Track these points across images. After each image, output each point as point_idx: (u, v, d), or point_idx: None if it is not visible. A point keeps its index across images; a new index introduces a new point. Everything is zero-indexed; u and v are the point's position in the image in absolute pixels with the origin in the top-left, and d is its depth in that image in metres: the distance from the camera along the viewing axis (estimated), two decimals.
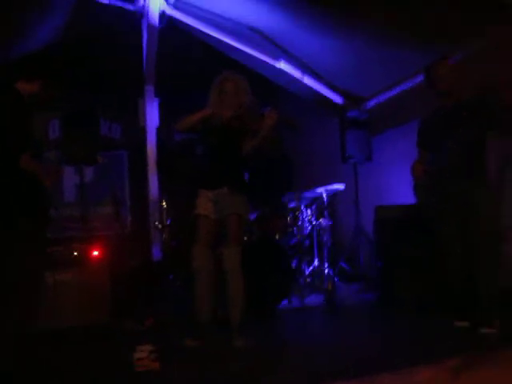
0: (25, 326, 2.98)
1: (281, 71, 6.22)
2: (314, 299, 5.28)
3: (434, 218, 3.80)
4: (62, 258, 4.39)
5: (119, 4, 5.70)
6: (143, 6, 5.73)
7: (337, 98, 6.56)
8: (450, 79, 3.66)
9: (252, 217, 5.52)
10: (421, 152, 3.94)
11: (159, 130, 6.50)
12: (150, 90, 6.55)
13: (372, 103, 6.44)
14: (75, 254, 4.49)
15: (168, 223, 5.55)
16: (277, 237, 5.41)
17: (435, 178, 3.66)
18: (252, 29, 5.71)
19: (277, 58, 6.06)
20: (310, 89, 6.46)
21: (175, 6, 5.81)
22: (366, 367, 2.44)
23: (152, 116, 6.59)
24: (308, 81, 6.35)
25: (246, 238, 5.15)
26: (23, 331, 2.96)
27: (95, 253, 4.58)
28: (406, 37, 4.86)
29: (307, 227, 5.65)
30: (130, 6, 5.80)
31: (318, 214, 5.76)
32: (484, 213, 3.49)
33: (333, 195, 5.40)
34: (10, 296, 2.88)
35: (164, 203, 5.58)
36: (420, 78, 5.26)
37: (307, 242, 5.85)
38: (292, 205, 5.66)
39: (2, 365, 2.78)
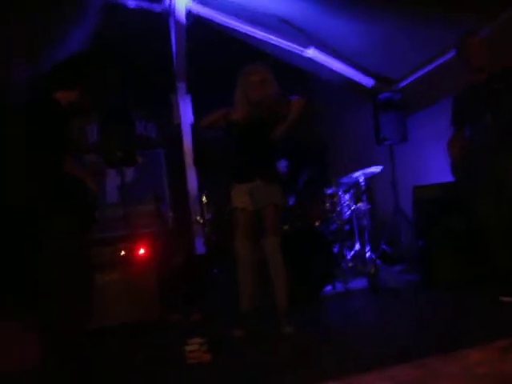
0: (80, 325, 3.09)
1: (311, 59, 6.22)
2: (357, 283, 5.31)
3: (473, 195, 3.78)
4: (110, 258, 4.51)
5: (146, 6, 5.79)
6: (169, 5, 5.82)
7: (368, 81, 6.52)
8: (481, 54, 3.63)
9: (291, 204, 5.59)
10: (456, 130, 3.90)
11: (194, 126, 6.60)
12: (181, 86, 6.65)
13: (404, 83, 6.38)
14: (122, 253, 4.59)
15: (209, 217, 5.62)
16: (317, 224, 5.44)
17: (474, 154, 3.63)
18: (279, 19, 5.70)
19: (306, 46, 6.07)
20: (341, 74, 6.44)
21: (201, 2, 5.86)
22: (414, 351, 2.46)
23: (186, 112, 6.69)
24: (338, 66, 6.32)
25: (287, 227, 5.22)
26: (79, 330, 3.07)
27: (141, 251, 4.69)
28: (432, 13, 4.80)
29: (346, 212, 5.66)
30: (156, 7, 5.88)
31: (357, 199, 5.75)
32: None
33: (370, 178, 5.38)
34: (63, 297, 2.96)
35: (204, 198, 5.66)
36: (450, 55, 5.23)
37: (347, 227, 5.86)
38: (330, 191, 5.67)
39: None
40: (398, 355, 2.32)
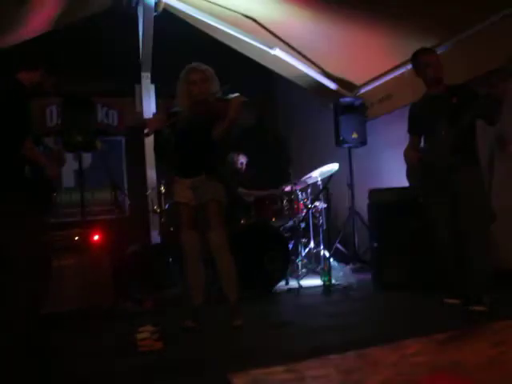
0: (36, 305, 3.06)
1: (276, 58, 6.28)
2: (310, 280, 5.43)
3: (426, 201, 3.93)
4: (64, 243, 4.46)
5: None
6: None
7: (331, 85, 6.62)
8: (439, 68, 3.77)
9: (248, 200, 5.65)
10: (412, 137, 4.04)
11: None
12: (146, 76, 6.62)
13: (365, 89, 6.53)
14: (76, 238, 4.55)
15: (166, 208, 5.62)
16: (273, 220, 5.51)
17: (427, 164, 3.77)
18: (247, 16, 5.74)
19: (271, 46, 6.12)
20: (305, 75, 6.52)
21: None
22: (359, 342, 2.57)
23: (149, 102, 6.67)
24: (303, 67, 6.40)
25: (243, 221, 5.28)
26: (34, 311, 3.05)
27: (96, 237, 4.66)
28: (399, 25, 4.95)
29: (303, 210, 5.75)
30: None
31: (314, 197, 5.86)
32: (474, 195, 3.61)
33: (328, 178, 5.49)
34: (20, 282, 2.94)
35: (162, 188, 5.65)
36: (410, 66, 5.37)
37: (303, 225, 5.96)
38: (287, 188, 5.75)
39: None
40: (344, 346, 2.42)
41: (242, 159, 6.25)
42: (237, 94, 3.67)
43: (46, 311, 3.93)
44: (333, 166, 5.65)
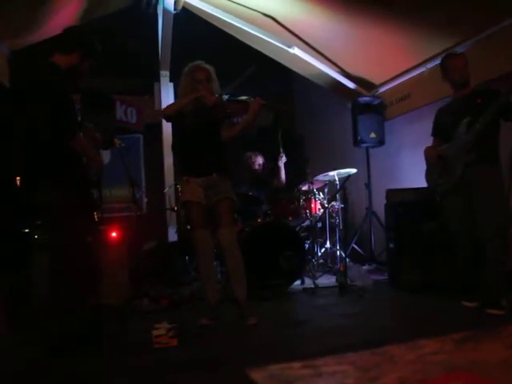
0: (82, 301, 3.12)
1: (295, 57, 6.27)
2: (326, 280, 5.41)
3: (442, 200, 3.93)
4: None
5: None
6: None
7: (349, 84, 6.60)
8: (465, 73, 3.78)
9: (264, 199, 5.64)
10: (435, 140, 4.05)
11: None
12: (165, 74, 6.66)
13: (384, 89, 6.50)
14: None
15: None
16: (290, 219, 5.50)
17: (444, 160, 3.77)
18: (266, 15, 5.73)
19: (290, 45, 6.12)
20: (324, 74, 6.51)
21: None
22: (374, 342, 2.55)
23: (167, 100, 6.71)
24: (321, 66, 6.39)
25: (259, 220, 5.28)
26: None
27: (113, 234, 4.68)
28: (418, 24, 4.91)
29: (320, 210, 5.74)
30: None
31: (331, 197, 5.84)
32: (490, 196, 3.58)
33: (345, 178, 5.47)
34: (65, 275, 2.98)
35: (179, 186, 5.66)
36: (429, 65, 5.35)
37: (319, 225, 5.95)
38: (305, 187, 5.74)
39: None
40: (361, 344, 2.41)
41: (259, 160, 6.21)
42: (247, 97, 3.67)
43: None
44: (350, 170, 5.62)
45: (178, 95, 3.80)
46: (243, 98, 3.68)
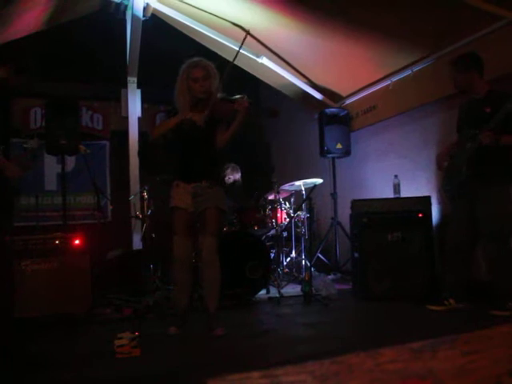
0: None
1: (263, 67, 6.31)
2: (291, 289, 5.43)
3: (451, 205, 4.10)
4: (43, 246, 4.40)
5: None
6: None
7: (316, 95, 6.66)
8: (458, 82, 3.94)
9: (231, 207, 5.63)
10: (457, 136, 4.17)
11: (141, 121, 6.57)
12: (132, 81, 6.61)
13: (350, 100, 6.59)
14: (56, 242, 4.50)
15: (149, 213, 5.59)
16: (255, 228, 5.51)
17: (451, 171, 3.96)
18: (235, 24, 5.76)
19: (259, 54, 6.15)
20: (291, 85, 6.56)
21: None
22: (337, 351, 2.57)
23: (134, 107, 6.66)
24: (289, 77, 6.44)
25: (225, 229, 5.27)
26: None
27: (76, 242, 4.60)
28: (383, 39, 5.01)
29: (286, 219, 5.76)
30: None
31: (297, 207, 5.87)
32: (492, 209, 3.73)
33: (311, 188, 5.51)
34: None
35: (145, 193, 5.62)
36: (394, 79, 5.45)
37: (285, 234, 5.97)
38: (271, 197, 5.75)
39: None
40: (324, 353, 2.42)
41: (235, 176, 6.13)
42: (240, 96, 3.55)
43: (22, 315, 3.92)
44: (316, 180, 5.66)
45: (175, 93, 3.67)
46: (236, 97, 3.57)
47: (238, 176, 6.12)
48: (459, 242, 3.93)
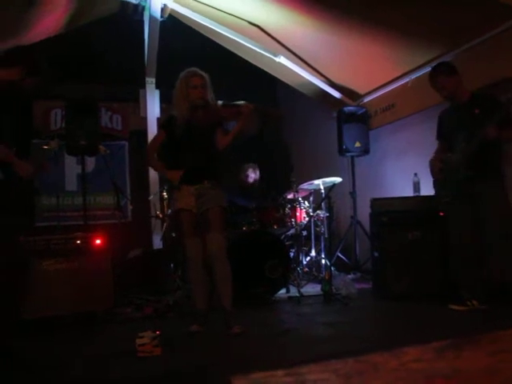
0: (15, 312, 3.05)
1: (280, 66, 6.30)
2: (310, 288, 5.42)
3: (448, 212, 4.09)
4: (65, 246, 4.45)
5: None
6: None
7: (335, 93, 6.64)
8: (447, 87, 3.90)
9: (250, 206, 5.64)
10: (439, 143, 4.19)
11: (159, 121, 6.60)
12: (151, 81, 6.65)
13: (368, 99, 6.55)
14: (78, 242, 4.54)
15: (169, 213, 5.62)
16: (275, 227, 5.50)
17: (448, 173, 3.91)
18: (252, 24, 5.76)
19: (276, 53, 6.15)
20: (309, 84, 6.54)
21: (176, 0, 5.89)
22: (359, 350, 2.57)
23: (153, 107, 6.69)
24: (307, 75, 6.43)
25: (244, 228, 5.28)
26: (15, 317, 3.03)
27: (97, 241, 4.64)
28: (401, 37, 4.97)
29: (305, 218, 5.75)
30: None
31: (316, 206, 5.85)
32: (493, 208, 3.72)
33: (330, 187, 5.49)
34: None
35: (165, 193, 5.65)
36: (414, 75, 5.41)
37: (305, 233, 5.96)
38: (290, 196, 5.75)
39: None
40: (345, 352, 2.43)
41: (255, 175, 6.23)
42: (243, 102, 3.71)
43: (44, 314, 3.98)
44: (335, 179, 5.64)
45: (173, 100, 3.81)
46: (238, 102, 3.73)
47: (257, 175, 6.18)
48: (467, 244, 3.89)
